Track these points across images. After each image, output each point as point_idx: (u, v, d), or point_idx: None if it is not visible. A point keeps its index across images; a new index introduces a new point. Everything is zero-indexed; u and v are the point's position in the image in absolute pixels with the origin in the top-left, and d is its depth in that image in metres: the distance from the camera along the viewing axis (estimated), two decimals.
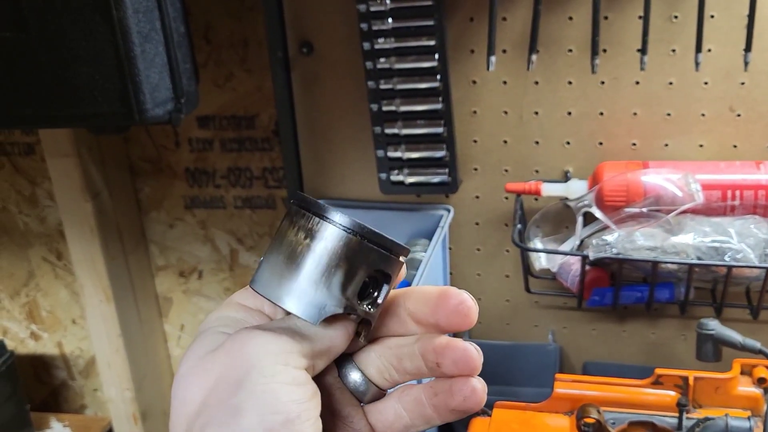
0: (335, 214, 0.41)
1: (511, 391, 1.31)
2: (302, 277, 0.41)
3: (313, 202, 0.41)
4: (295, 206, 0.42)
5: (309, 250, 0.41)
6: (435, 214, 1.27)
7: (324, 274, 0.41)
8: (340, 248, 0.41)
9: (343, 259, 0.41)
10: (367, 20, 1.13)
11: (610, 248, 1.08)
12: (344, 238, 0.41)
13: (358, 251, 0.41)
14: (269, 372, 0.39)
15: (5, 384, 1.51)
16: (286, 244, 0.41)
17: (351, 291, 0.42)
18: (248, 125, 1.42)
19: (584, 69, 1.13)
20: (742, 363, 1.05)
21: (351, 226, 0.41)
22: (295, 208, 0.42)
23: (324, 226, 0.41)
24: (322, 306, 0.41)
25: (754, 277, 1.06)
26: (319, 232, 0.41)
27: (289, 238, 0.41)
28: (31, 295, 1.66)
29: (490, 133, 1.23)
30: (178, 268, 1.59)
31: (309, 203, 0.41)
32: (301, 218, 0.41)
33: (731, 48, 1.10)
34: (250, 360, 0.40)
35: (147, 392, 1.63)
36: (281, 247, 0.42)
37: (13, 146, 1.51)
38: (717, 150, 1.16)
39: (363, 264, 0.42)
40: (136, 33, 0.95)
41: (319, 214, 0.41)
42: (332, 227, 0.41)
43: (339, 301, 0.41)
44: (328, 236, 0.41)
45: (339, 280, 0.41)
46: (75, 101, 0.98)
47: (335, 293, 0.41)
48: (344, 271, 0.41)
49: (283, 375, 0.40)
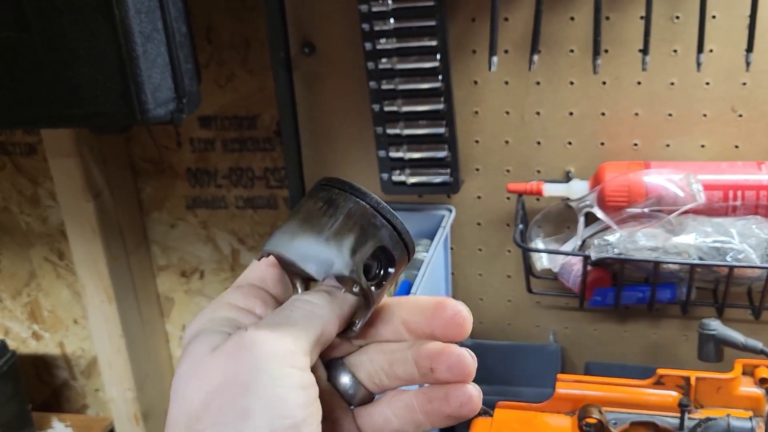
0: (356, 186, 0.43)
1: (512, 391, 1.31)
2: (314, 235, 0.42)
3: (336, 179, 0.43)
4: (318, 184, 0.43)
5: (325, 213, 0.42)
6: (437, 215, 1.27)
7: (336, 235, 0.42)
8: (356, 215, 0.42)
9: (357, 225, 0.42)
10: (369, 20, 1.13)
11: (612, 248, 1.08)
12: (361, 206, 0.42)
13: (373, 223, 0.43)
14: (278, 375, 0.39)
15: (7, 384, 1.51)
16: (304, 210, 0.43)
17: (359, 257, 0.43)
18: (250, 125, 1.42)
19: (586, 69, 1.13)
20: (744, 363, 1.05)
21: (370, 198, 0.43)
22: (318, 185, 0.43)
23: (343, 195, 0.43)
24: (330, 264, 0.42)
25: (755, 278, 1.06)
26: (337, 199, 0.42)
27: (307, 205, 0.43)
28: (33, 295, 1.66)
29: (491, 133, 1.23)
30: (179, 268, 1.59)
31: (332, 179, 0.43)
32: (322, 190, 0.43)
33: (733, 48, 1.10)
34: (258, 363, 0.39)
35: (149, 392, 1.63)
36: (297, 213, 0.43)
37: (15, 146, 1.52)
38: (719, 150, 1.16)
39: (374, 236, 0.43)
40: (138, 33, 0.95)
41: (340, 186, 0.43)
42: (352, 196, 0.42)
43: (347, 264, 0.42)
44: (346, 203, 0.42)
45: (350, 243, 0.42)
46: (77, 101, 0.98)
47: (345, 254, 0.42)
48: (356, 236, 0.42)
49: (291, 378, 0.39)
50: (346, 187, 0.43)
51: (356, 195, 0.43)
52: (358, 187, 0.43)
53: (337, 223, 0.42)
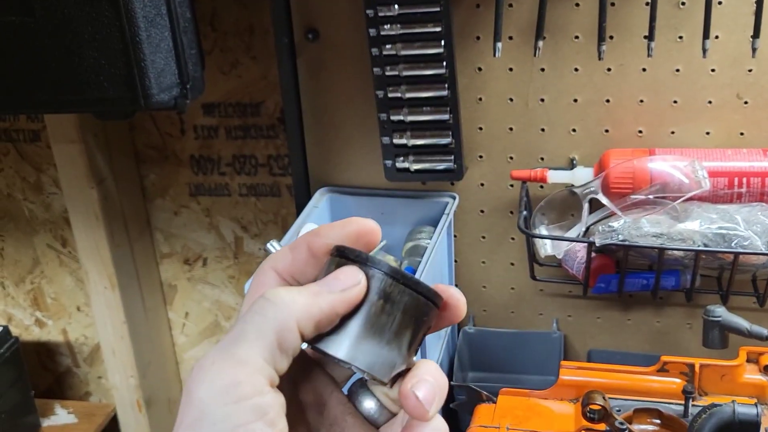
0: (408, 275, 0.42)
1: (515, 378, 1.31)
2: (377, 339, 0.42)
3: (379, 260, 0.42)
4: (367, 266, 0.42)
5: (383, 311, 0.42)
6: (440, 202, 1.27)
7: (396, 336, 0.42)
8: (411, 309, 0.42)
9: (413, 320, 0.43)
10: (373, 6, 1.13)
11: (616, 235, 1.08)
12: (414, 299, 0.42)
13: (424, 312, 0.43)
14: (219, 418, 0.37)
15: (10, 371, 1.51)
16: (363, 306, 0.42)
17: (414, 348, 0.43)
18: (253, 112, 1.41)
19: (591, 56, 1.13)
20: (749, 350, 1.05)
21: (422, 287, 0.42)
22: (370, 269, 0.42)
23: (398, 287, 0.42)
24: (393, 365, 0.42)
25: (760, 265, 1.06)
26: (392, 293, 0.42)
27: (365, 300, 0.42)
28: (36, 282, 1.66)
29: (495, 120, 1.23)
30: (182, 256, 1.59)
31: (360, 256, 0.42)
32: (369, 278, 0.42)
33: (739, 35, 1.09)
34: (199, 406, 0.38)
35: (151, 379, 1.63)
36: (358, 310, 0.42)
37: (19, 133, 1.51)
38: (724, 137, 1.16)
39: (425, 324, 0.43)
40: (142, 18, 0.94)
41: (393, 275, 0.42)
42: (407, 289, 0.42)
43: (405, 359, 0.43)
44: (402, 297, 0.42)
45: (408, 339, 0.43)
46: (80, 86, 0.97)
47: (404, 352, 0.43)
48: (412, 331, 0.43)
49: (236, 416, 0.38)
50: (399, 276, 0.42)
51: (409, 286, 0.42)
52: (411, 276, 0.42)
53: (395, 322, 0.42)
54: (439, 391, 0.42)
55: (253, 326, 0.40)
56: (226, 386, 0.38)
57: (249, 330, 0.40)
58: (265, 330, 0.40)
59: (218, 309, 1.63)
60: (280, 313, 0.40)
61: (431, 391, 0.41)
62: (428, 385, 0.41)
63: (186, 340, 1.68)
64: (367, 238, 0.45)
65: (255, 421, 0.38)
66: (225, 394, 0.38)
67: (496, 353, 1.34)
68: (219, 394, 0.38)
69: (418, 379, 0.41)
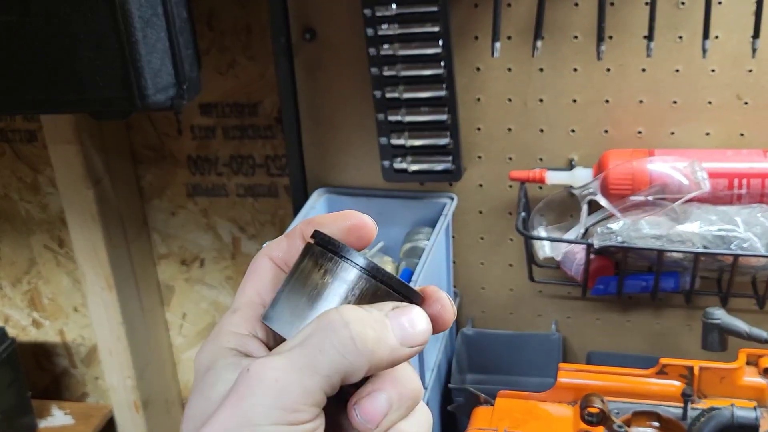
0: (359, 258, 0.41)
1: (514, 380, 1.31)
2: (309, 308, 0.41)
3: (339, 244, 0.41)
4: (319, 247, 0.42)
5: (332, 291, 0.41)
6: (438, 202, 1.26)
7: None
8: (362, 290, 0.41)
9: (364, 302, 0.41)
10: (371, 6, 1.12)
11: (615, 236, 1.07)
12: (366, 281, 0.41)
13: (378, 295, 0.42)
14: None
15: (7, 371, 1.50)
16: (310, 284, 0.41)
17: None
18: (251, 112, 1.41)
19: (590, 56, 1.12)
20: (748, 353, 1.04)
21: (372, 270, 0.41)
22: (320, 249, 0.42)
23: (347, 269, 0.41)
24: None
25: (760, 267, 1.05)
26: (342, 274, 0.41)
27: (313, 278, 0.42)
28: (33, 282, 1.65)
29: (494, 120, 1.22)
30: (180, 257, 1.58)
31: (334, 245, 0.42)
32: (327, 260, 0.41)
33: (739, 35, 1.09)
34: (247, 418, 0.37)
35: (148, 380, 1.62)
36: (303, 288, 0.42)
37: (15, 133, 1.51)
38: (724, 138, 1.15)
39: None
40: (138, 18, 0.94)
41: (344, 257, 0.41)
42: (355, 270, 0.41)
43: None
44: (351, 278, 0.41)
45: None
46: (76, 86, 0.97)
47: None
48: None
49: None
50: (350, 257, 0.41)
51: (360, 267, 0.41)
52: (360, 255, 0.41)
53: (345, 303, 0.41)
54: (397, 402, 0.39)
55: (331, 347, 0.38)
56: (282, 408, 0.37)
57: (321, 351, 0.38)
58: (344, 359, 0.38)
59: (216, 310, 1.62)
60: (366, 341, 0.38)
61: (379, 406, 0.39)
62: (376, 400, 0.39)
63: (183, 341, 1.68)
64: (361, 233, 0.44)
65: None
66: (278, 415, 0.37)
67: (495, 355, 1.33)
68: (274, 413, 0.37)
69: (368, 391, 0.39)
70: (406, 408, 0.40)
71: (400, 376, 0.40)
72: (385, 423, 0.39)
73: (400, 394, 0.40)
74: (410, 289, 0.42)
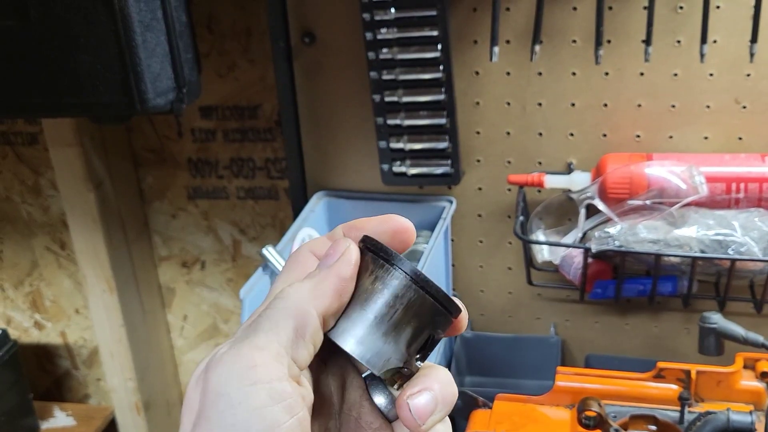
0: (409, 267, 0.42)
1: (512, 383, 1.31)
2: (374, 327, 0.42)
3: (391, 252, 0.42)
4: (371, 253, 0.42)
5: (380, 298, 0.42)
6: (437, 206, 1.26)
7: (395, 328, 0.42)
8: (415, 305, 0.42)
9: (415, 317, 0.42)
10: (370, 10, 1.12)
11: (613, 241, 1.07)
12: (415, 291, 0.42)
13: (430, 312, 0.42)
14: (236, 400, 0.37)
15: (9, 373, 1.51)
16: (361, 289, 0.42)
17: (414, 348, 0.43)
18: (251, 115, 1.41)
19: (588, 60, 1.13)
20: (745, 357, 1.05)
21: (421, 281, 0.42)
22: (372, 255, 0.42)
23: (398, 278, 0.42)
24: (387, 358, 0.42)
25: (757, 271, 1.06)
26: (392, 282, 0.42)
27: (363, 283, 0.42)
28: (35, 284, 1.66)
29: (493, 124, 1.22)
30: (180, 259, 1.59)
31: (386, 252, 0.42)
32: (378, 267, 0.42)
33: (737, 39, 1.09)
34: (215, 389, 0.38)
35: (150, 382, 1.63)
36: (356, 291, 0.42)
37: (17, 136, 1.51)
38: (722, 142, 1.15)
39: (430, 325, 0.43)
40: (138, 22, 0.94)
41: (396, 266, 0.42)
42: (405, 279, 0.41)
43: (402, 356, 0.42)
44: (400, 287, 0.42)
45: (407, 336, 0.42)
46: (76, 90, 0.97)
47: (401, 348, 0.42)
48: (413, 328, 0.42)
49: (256, 397, 0.37)
50: (405, 267, 0.42)
51: (423, 287, 0.41)
52: (417, 269, 0.42)
53: (396, 314, 0.41)
54: (442, 403, 0.41)
55: (267, 319, 0.40)
56: (242, 369, 0.38)
57: (263, 322, 0.40)
58: (279, 320, 0.40)
59: (216, 312, 1.62)
60: (291, 303, 0.41)
61: (428, 404, 0.41)
62: (426, 398, 0.41)
63: (184, 343, 1.68)
64: (403, 237, 0.45)
65: (272, 405, 0.38)
66: (242, 377, 0.38)
67: (494, 358, 1.33)
68: (236, 376, 0.38)
69: (419, 389, 0.41)
70: (446, 411, 0.42)
71: (444, 379, 0.42)
72: (430, 422, 0.41)
73: (444, 395, 0.42)
74: (453, 303, 0.43)
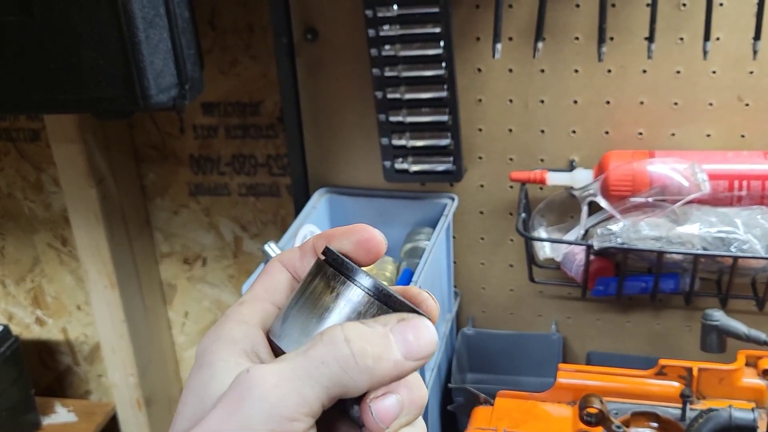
0: (370, 282, 0.41)
1: (513, 380, 1.31)
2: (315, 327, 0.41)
3: (351, 267, 0.42)
4: (331, 268, 0.42)
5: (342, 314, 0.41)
6: (439, 203, 1.27)
7: None
8: (373, 316, 0.41)
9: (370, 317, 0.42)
10: (373, 7, 1.12)
11: (615, 238, 1.07)
12: (378, 307, 0.41)
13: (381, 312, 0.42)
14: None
15: (10, 369, 1.51)
16: (320, 306, 0.42)
17: None
18: (253, 112, 1.41)
19: (591, 57, 1.12)
20: (747, 354, 1.05)
21: (383, 296, 0.42)
22: (332, 271, 0.42)
23: (359, 294, 0.41)
24: None
25: (760, 268, 1.05)
26: (353, 298, 0.41)
27: (324, 300, 0.42)
28: (37, 280, 1.66)
29: (495, 121, 1.22)
30: (182, 255, 1.59)
31: (347, 267, 0.42)
32: (340, 283, 0.42)
33: (740, 36, 1.09)
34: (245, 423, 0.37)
35: (151, 378, 1.63)
36: (314, 308, 0.42)
37: (19, 132, 1.51)
38: (724, 140, 1.15)
39: None
40: (141, 18, 0.94)
41: (356, 282, 0.42)
42: (367, 295, 0.41)
43: None
44: (362, 303, 0.41)
45: None
46: (79, 86, 0.97)
47: None
48: None
49: None
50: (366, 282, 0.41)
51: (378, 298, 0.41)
52: (369, 277, 0.41)
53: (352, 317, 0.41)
54: (408, 407, 0.40)
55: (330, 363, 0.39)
56: (280, 418, 0.37)
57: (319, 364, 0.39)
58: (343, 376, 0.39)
59: (218, 308, 1.63)
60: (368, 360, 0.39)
61: (391, 407, 0.40)
62: (390, 401, 0.40)
63: (185, 339, 1.69)
64: (370, 246, 0.44)
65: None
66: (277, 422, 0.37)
67: (495, 355, 1.33)
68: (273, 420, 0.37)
69: (383, 392, 0.40)
70: (414, 414, 0.41)
71: (411, 382, 0.41)
72: (395, 425, 0.40)
73: (411, 399, 0.40)
74: (420, 313, 0.43)
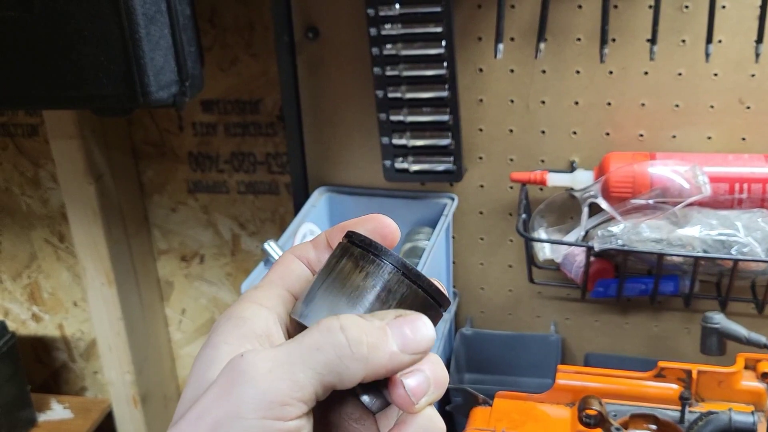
0: (401, 262, 0.41)
1: (512, 381, 1.31)
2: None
3: (380, 247, 0.41)
4: (359, 249, 0.42)
5: (373, 294, 0.41)
6: (439, 203, 1.26)
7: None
8: (403, 295, 0.41)
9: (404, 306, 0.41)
10: (374, 6, 1.12)
11: (616, 239, 1.07)
12: (408, 287, 0.41)
13: (422, 306, 0.42)
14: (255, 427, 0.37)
15: (6, 365, 1.51)
16: (350, 286, 0.41)
17: None
18: (252, 110, 1.41)
19: (592, 58, 1.12)
20: (747, 357, 1.05)
21: (414, 275, 0.41)
22: (360, 251, 0.42)
23: (391, 272, 0.41)
24: None
25: (760, 271, 1.05)
26: (384, 277, 0.41)
27: (353, 280, 0.41)
28: (33, 276, 1.65)
29: (496, 121, 1.22)
30: (180, 252, 1.58)
31: (376, 247, 0.42)
32: (369, 263, 0.41)
33: (742, 39, 1.09)
34: (235, 409, 0.37)
35: (147, 375, 1.62)
36: (342, 288, 0.42)
37: (17, 127, 1.51)
38: (725, 142, 1.15)
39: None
40: (142, 15, 0.94)
41: (387, 261, 0.41)
42: (397, 274, 0.41)
43: None
44: (393, 282, 0.41)
45: None
46: (79, 82, 0.97)
47: None
48: None
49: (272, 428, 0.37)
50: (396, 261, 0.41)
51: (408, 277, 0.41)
52: (402, 259, 0.41)
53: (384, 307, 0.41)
54: (434, 385, 0.41)
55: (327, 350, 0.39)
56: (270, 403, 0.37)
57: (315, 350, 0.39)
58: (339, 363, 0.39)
59: (215, 306, 1.62)
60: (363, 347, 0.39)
61: (422, 384, 0.40)
62: (420, 377, 0.40)
63: (182, 337, 1.68)
64: (384, 232, 0.45)
65: None
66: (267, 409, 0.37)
67: (494, 355, 1.33)
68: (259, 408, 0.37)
69: (411, 369, 0.40)
70: (439, 393, 0.41)
71: (436, 362, 0.41)
72: (423, 401, 0.40)
73: (436, 377, 0.41)
74: (444, 296, 0.43)
